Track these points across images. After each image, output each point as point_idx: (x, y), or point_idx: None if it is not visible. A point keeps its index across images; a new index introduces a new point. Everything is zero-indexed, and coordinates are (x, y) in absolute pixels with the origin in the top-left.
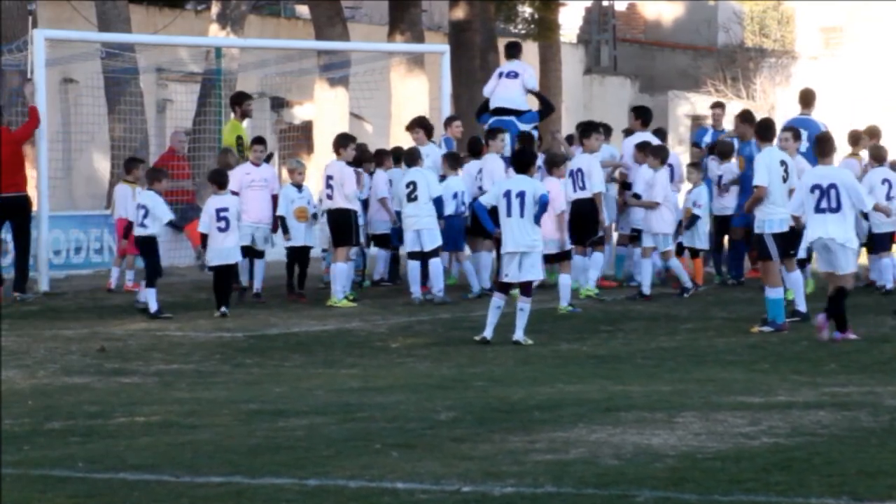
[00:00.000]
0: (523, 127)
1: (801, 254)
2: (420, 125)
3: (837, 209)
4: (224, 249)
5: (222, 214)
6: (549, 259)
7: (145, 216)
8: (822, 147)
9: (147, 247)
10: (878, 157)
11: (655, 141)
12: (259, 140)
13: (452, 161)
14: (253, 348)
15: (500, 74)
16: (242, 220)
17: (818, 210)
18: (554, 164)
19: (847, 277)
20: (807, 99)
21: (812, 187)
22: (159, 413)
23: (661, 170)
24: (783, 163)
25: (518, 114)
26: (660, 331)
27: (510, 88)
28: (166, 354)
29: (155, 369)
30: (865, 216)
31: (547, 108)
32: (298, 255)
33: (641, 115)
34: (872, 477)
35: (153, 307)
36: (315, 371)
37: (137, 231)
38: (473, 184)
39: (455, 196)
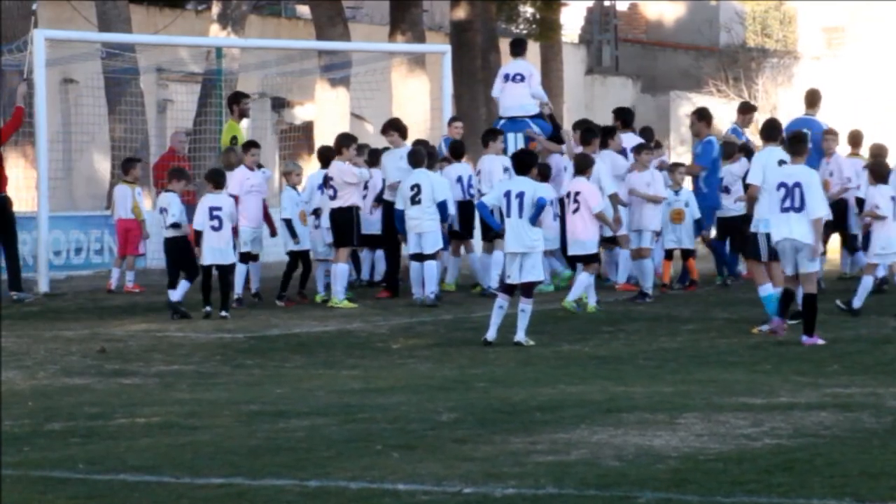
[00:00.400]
0: (537, 129)
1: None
2: (394, 127)
3: (801, 208)
4: (217, 249)
5: (215, 213)
6: (581, 259)
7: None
8: (794, 146)
9: (178, 248)
10: (877, 155)
11: (636, 141)
12: (255, 144)
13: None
14: (254, 349)
15: (507, 77)
16: (242, 224)
17: (783, 209)
18: (586, 166)
19: (811, 278)
20: (812, 99)
21: (778, 185)
22: (160, 414)
23: (651, 167)
24: (783, 163)
25: (530, 117)
26: (661, 332)
27: (517, 95)
28: (167, 355)
29: (155, 370)
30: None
31: (555, 130)
32: (303, 258)
33: (620, 117)
34: (875, 478)
35: (175, 296)
36: (316, 372)
37: (167, 233)
38: (454, 187)
39: None
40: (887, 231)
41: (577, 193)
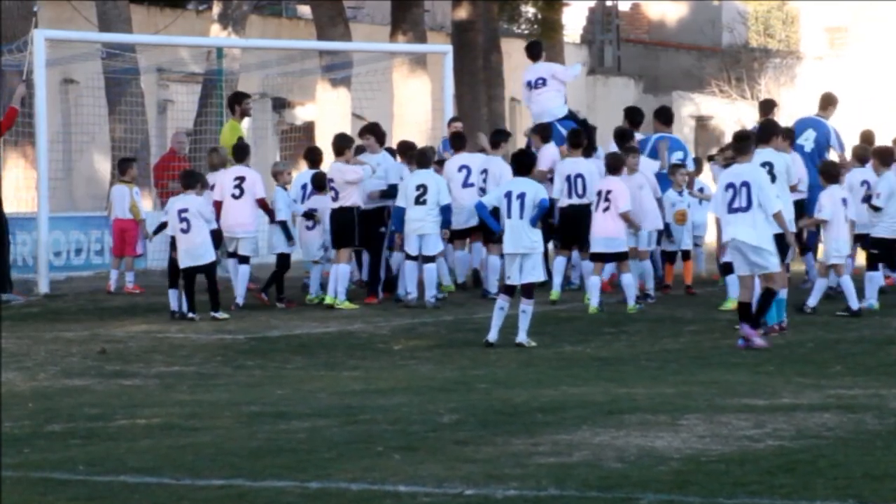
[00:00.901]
0: (563, 131)
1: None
2: (371, 132)
3: (748, 207)
4: (191, 250)
5: (183, 215)
6: (609, 258)
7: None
8: (738, 145)
9: None
10: (861, 157)
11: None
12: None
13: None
14: (254, 350)
15: (529, 85)
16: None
17: (731, 210)
18: (618, 165)
19: (776, 277)
20: (825, 103)
21: (726, 186)
22: (160, 415)
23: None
24: (767, 164)
25: (559, 120)
26: (664, 333)
27: (542, 100)
28: (167, 356)
29: (156, 371)
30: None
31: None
32: (284, 260)
33: (629, 117)
34: (878, 480)
35: (184, 306)
36: (317, 373)
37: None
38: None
39: None
40: (838, 232)
41: (608, 192)
